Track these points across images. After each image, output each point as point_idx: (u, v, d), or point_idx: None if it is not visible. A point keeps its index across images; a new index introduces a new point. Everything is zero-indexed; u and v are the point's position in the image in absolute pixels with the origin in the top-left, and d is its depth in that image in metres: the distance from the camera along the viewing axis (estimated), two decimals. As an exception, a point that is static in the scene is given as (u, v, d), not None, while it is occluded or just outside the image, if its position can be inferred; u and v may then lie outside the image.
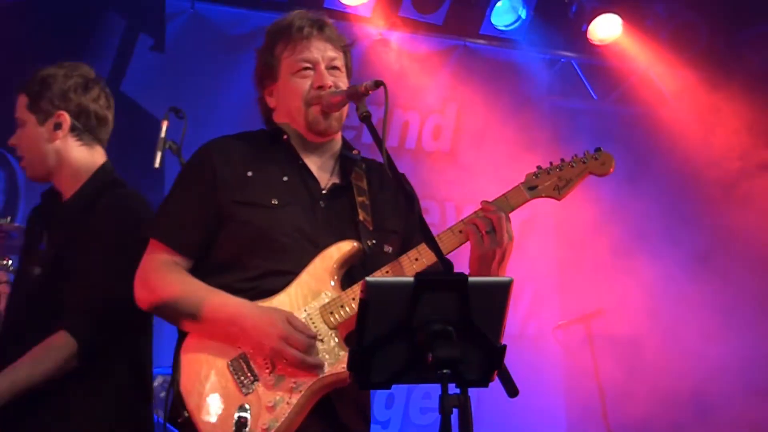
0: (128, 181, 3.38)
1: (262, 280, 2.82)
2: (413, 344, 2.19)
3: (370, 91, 2.82)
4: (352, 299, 2.76)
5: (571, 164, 2.95)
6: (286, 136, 3.02)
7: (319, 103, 2.95)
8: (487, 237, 2.78)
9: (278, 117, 3.08)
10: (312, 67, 2.98)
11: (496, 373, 2.32)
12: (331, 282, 2.82)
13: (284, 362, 2.71)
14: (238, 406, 2.71)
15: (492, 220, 2.79)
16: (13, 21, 5.95)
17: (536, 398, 6.79)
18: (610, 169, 2.96)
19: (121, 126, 3.52)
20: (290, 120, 3.03)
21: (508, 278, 2.30)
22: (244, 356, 2.77)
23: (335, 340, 2.76)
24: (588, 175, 2.96)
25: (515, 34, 7.57)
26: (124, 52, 6.53)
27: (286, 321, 2.71)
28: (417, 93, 7.35)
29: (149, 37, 6.67)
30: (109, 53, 6.48)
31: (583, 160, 2.95)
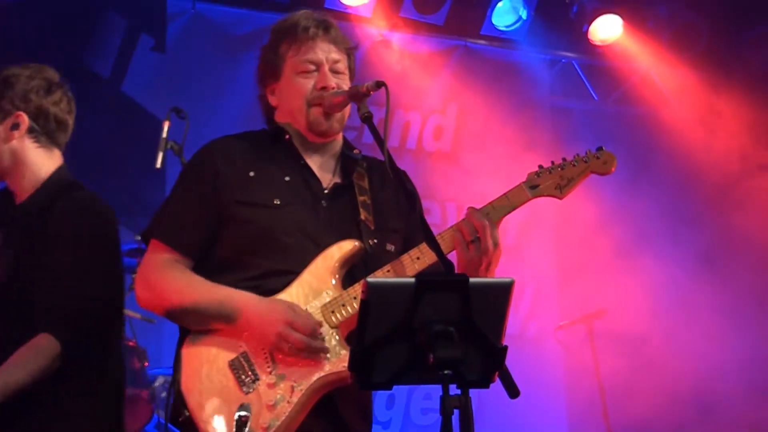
0: (129, 181, 3.37)
1: (264, 280, 2.82)
2: (414, 345, 2.19)
3: (371, 92, 2.81)
4: (354, 298, 2.76)
5: (572, 163, 2.94)
6: (287, 136, 3.01)
7: (321, 104, 2.95)
8: (472, 246, 2.77)
9: (280, 116, 3.08)
10: (316, 68, 2.98)
11: (497, 374, 2.31)
12: (333, 281, 2.82)
13: (286, 358, 2.71)
14: (239, 405, 2.71)
15: (476, 228, 2.78)
16: (13, 21, 5.95)
17: (537, 398, 6.79)
18: (612, 168, 2.95)
19: (123, 126, 3.50)
20: (292, 120, 3.02)
21: (510, 279, 2.28)
22: (245, 355, 2.77)
23: (336, 338, 2.76)
24: (590, 174, 2.95)
25: (516, 35, 7.57)
26: (125, 53, 6.53)
27: (290, 308, 2.73)
28: (418, 93, 7.36)
29: (150, 38, 6.67)
30: (110, 53, 6.48)
31: (585, 159, 2.94)
